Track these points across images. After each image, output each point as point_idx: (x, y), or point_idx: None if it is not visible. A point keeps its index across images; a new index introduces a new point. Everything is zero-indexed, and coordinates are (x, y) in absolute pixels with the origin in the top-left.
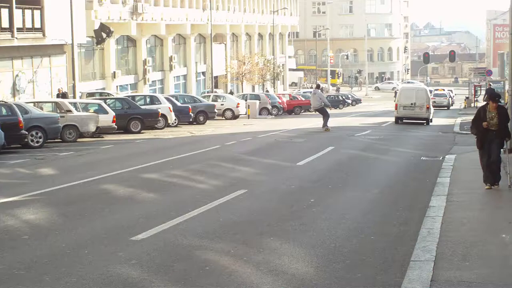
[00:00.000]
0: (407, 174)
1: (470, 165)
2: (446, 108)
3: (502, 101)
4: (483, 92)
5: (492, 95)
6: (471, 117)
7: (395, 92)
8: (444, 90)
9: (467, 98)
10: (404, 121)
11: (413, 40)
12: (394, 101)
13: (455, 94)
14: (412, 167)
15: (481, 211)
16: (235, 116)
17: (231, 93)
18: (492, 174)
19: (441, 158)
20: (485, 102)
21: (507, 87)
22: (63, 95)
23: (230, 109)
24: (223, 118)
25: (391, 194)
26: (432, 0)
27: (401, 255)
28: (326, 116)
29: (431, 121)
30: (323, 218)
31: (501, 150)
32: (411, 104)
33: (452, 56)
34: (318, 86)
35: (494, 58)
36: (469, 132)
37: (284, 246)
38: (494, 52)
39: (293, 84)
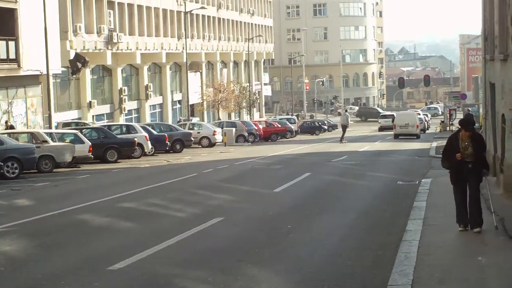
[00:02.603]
0: (383, 199)
1: (446, 189)
2: (422, 132)
3: (477, 125)
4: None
5: (464, 123)
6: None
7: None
8: (420, 114)
9: (442, 122)
10: (400, 137)
11: (388, 65)
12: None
13: (431, 118)
14: (389, 192)
15: (457, 235)
16: (211, 144)
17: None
18: (472, 216)
19: (417, 182)
20: (457, 129)
21: (481, 110)
22: (11, 128)
23: (207, 137)
24: (200, 146)
25: (368, 219)
26: (406, 25)
27: (378, 279)
28: (344, 133)
29: (419, 137)
30: (301, 244)
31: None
32: (405, 124)
33: (426, 80)
34: (346, 110)
35: (468, 82)
36: None
37: (261, 273)
38: (468, 76)
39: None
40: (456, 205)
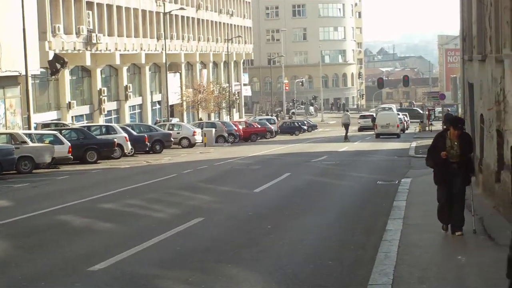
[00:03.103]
0: (363, 199)
1: (426, 188)
2: (401, 132)
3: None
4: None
5: (454, 121)
6: (425, 141)
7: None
8: (399, 114)
9: (421, 122)
10: (381, 137)
11: (367, 66)
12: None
13: (410, 118)
14: (369, 192)
15: (437, 234)
16: (191, 145)
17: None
18: (454, 219)
19: (397, 182)
20: (444, 128)
21: (460, 110)
22: None
23: (187, 138)
24: (180, 147)
25: (348, 219)
26: (384, 26)
27: (358, 279)
28: (347, 131)
29: (400, 136)
30: (281, 244)
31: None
32: (386, 124)
33: (406, 81)
34: (347, 110)
35: (447, 82)
36: (425, 156)
37: (241, 273)
38: (447, 76)
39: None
40: (439, 206)
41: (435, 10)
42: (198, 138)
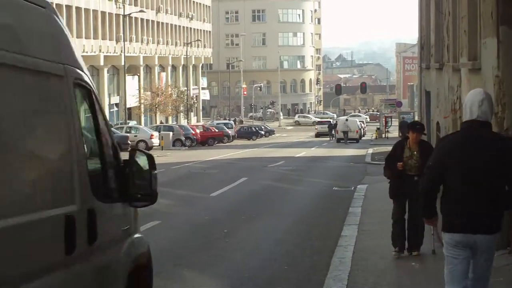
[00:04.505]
0: (319, 204)
1: (381, 195)
2: (359, 137)
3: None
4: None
5: (412, 123)
6: (382, 148)
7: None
8: (356, 121)
9: (378, 129)
10: (341, 141)
11: (325, 72)
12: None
13: (367, 125)
14: (325, 197)
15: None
16: (148, 148)
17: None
18: (411, 238)
19: (352, 188)
20: (402, 136)
21: (416, 118)
22: None
23: (144, 141)
24: None
25: (304, 224)
26: (343, 33)
27: (313, 284)
28: (346, 138)
29: (359, 141)
30: (237, 249)
31: None
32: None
33: (363, 87)
34: (347, 120)
35: (404, 90)
36: (381, 162)
37: (198, 278)
38: (404, 84)
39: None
40: (392, 223)
41: (393, 18)
42: (156, 141)
